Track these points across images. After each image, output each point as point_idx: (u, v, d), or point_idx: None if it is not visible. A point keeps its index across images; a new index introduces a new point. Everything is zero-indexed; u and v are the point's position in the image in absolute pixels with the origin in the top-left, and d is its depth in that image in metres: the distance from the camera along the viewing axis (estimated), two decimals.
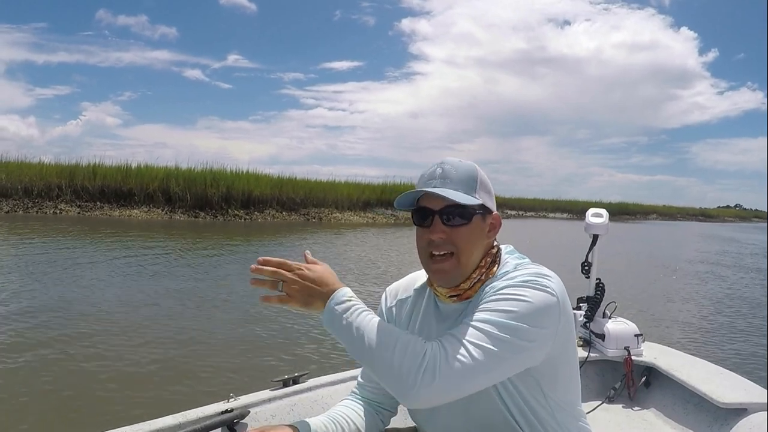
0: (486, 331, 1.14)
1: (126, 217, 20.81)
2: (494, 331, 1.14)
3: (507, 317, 1.16)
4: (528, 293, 1.19)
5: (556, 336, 1.22)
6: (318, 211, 26.60)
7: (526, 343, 1.17)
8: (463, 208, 1.27)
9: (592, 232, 2.92)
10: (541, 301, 1.19)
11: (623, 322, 2.87)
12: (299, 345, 5.67)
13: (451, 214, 1.27)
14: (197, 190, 22.91)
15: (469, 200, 1.27)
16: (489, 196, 1.34)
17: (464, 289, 1.32)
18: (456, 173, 1.30)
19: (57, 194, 21.12)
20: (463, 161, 1.34)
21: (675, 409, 2.58)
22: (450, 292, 1.33)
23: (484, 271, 1.32)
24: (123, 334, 5.68)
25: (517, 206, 47.32)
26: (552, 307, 1.21)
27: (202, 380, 4.59)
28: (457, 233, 1.28)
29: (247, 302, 7.57)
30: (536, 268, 1.29)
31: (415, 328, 1.43)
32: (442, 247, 1.28)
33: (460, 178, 1.30)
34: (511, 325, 1.15)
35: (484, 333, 1.14)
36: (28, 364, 4.70)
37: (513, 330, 1.15)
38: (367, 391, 1.52)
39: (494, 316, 1.16)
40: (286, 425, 1.31)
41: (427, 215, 1.30)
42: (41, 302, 6.78)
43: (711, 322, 7.98)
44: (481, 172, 1.34)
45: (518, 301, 1.18)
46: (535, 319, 1.18)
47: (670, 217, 69.53)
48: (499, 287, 1.23)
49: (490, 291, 1.24)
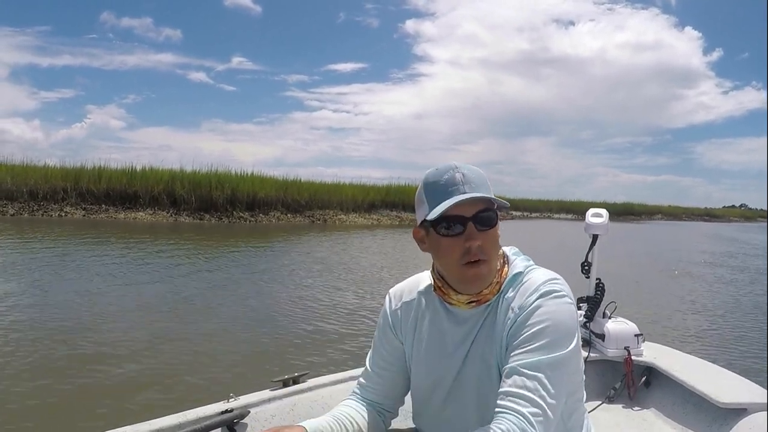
0: (542, 381, 1.16)
1: (131, 220, 20.88)
2: (550, 373, 1.17)
3: (550, 351, 1.19)
4: (553, 310, 1.23)
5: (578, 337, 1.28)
6: (323, 213, 26.61)
7: (573, 364, 1.25)
8: (491, 212, 1.27)
9: (591, 232, 2.92)
10: (567, 314, 1.24)
11: (623, 322, 2.87)
12: (299, 345, 5.68)
13: (483, 220, 1.26)
14: (202, 192, 22.97)
15: (498, 201, 1.27)
16: None
17: (485, 294, 1.31)
18: (476, 176, 1.27)
19: (62, 197, 21.19)
20: (471, 164, 1.33)
21: (675, 409, 2.58)
22: (471, 299, 1.32)
23: (499, 273, 1.33)
24: (124, 334, 5.71)
25: (522, 207, 47.23)
26: (573, 313, 1.26)
27: (202, 380, 4.61)
28: (489, 237, 1.27)
29: (247, 303, 7.60)
30: (545, 273, 1.31)
31: (423, 332, 1.42)
32: (478, 253, 1.25)
33: (481, 180, 1.27)
34: (558, 359, 1.19)
35: (543, 381, 1.16)
36: (29, 364, 4.73)
37: (562, 362, 1.20)
38: (368, 391, 1.50)
39: (540, 355, 1.18)
40: (297, 425, 1.30)
41: (458, 223, 1.25)
42: (45, 302, 6.82)
43: (711, 322, 7.95)
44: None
45: (550, 327, 1.21)
46: (569, 336, 1.23)
47: (675, 217, 69.26)
48: (525, 311, 1.24)
49: (516, 313, 1.26)
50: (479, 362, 1.32)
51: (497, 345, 1.29)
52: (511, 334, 1.25)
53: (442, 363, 1.38)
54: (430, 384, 1.41)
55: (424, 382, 1.43)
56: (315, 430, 1.31)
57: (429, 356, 1.41)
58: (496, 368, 1.29)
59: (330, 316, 7.00)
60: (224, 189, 23.44)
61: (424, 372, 1.43)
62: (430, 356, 1.41)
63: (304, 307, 7.51)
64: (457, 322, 1.37)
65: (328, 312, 7.25)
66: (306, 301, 7.86)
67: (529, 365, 1.17)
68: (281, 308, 7.36)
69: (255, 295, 8.30)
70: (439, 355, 1.39)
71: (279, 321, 6.62)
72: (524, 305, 1.24)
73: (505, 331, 1.26)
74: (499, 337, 1.28)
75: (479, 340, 1.33)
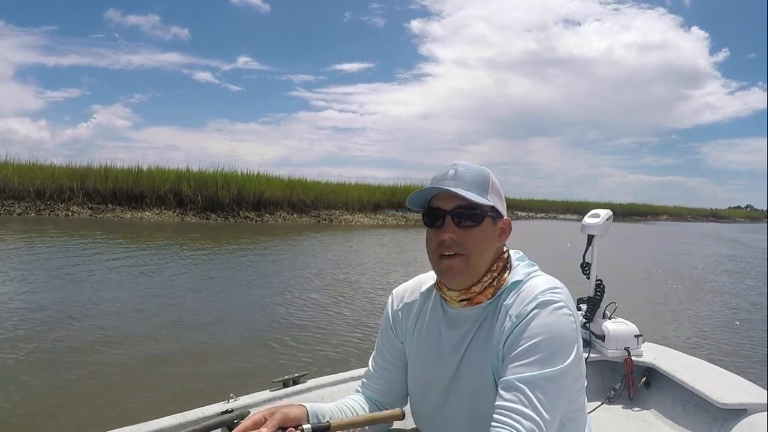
0: (539, 397, 1.16)
1: (138, 219, 20.96)
2: (546, 388, 1.16)
3: (547, 366, 1.18)
4: (550, 322, 1.22)
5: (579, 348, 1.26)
6: (329, 212, 26.65)
7: (572, 375, 1.23)
8: (475, 209, 1.28)
9: (587, 233, 2.91)
10: (565, 326, 1.22)
11: (623, 323, 2.86)
12: (299, 345, 5.69)
13: (462, 215, 1.28)
14: (208, 192, 23.06)
15: (480, 200, 1.27)
16: (500, 201, 1.35)
17: (475, 292, 1.32)
18: (469, 174, 1.30)
19: (69, 196, 21.33)
20: (476, 165, 1.34)
21: (675, 410, 2.58)
22: (460, 296, 1.33)
23: (496, 276, 1.33)
24: (125, 335, 5.74)
25: (528, 208, 47.19)
26: (572, 325, 1.24)
27: (203, 380, 4.63)
28: (468, 234, 1.28)
29: (248, 303, 7.62)
30: (546, 281, 1.30)
31: (422, 331, 1.44)
32: (453, 247, 1.28)
33: (473, 179, 1.30)
34: (555, 373, 1.18)
35: (539, 397, 1.16)
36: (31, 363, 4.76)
37: (559, 377, 1.19)
38: (370, 390, 1.52)
39: (537, 370, 1.17)
40: (297, 404, 1.31)
41: (439, 216, 1.30)
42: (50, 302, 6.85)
43: (711, 323, 7.92)
44: (492, 176, 1.34)
45: (547, 340, 1.20)
46: (567, 349, 1.21)
47: (680, 218, 68.95)
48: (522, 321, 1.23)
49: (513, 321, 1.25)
50: (475, 368, 1.32)
51: (493, 353, 1.29)
52: (507, 345, 1.24)
53: (436, 364, 1.39)
54: (424, 384, 1.42)
55: (419, 381, 1.44)
56: (315, 410, 1.32)
57: (425, 356, 1.42)
58: (492, 377, 1.29)
59: (334, 317, 7.01)
60: (230, 189, 23.52)
61: (419, 372, 1.44)
62: (425, 356, 1.42)
63: (308, 307, 7.52)
64: (454, 324, 1.38)
65: (332, 312, 7.27)
66: (309, 302, 7.88)
67: (526, 380, 1.17)
68: (284, 308, 7.37)
69: (253, 295, 8.31)
70: (434, 356, 1.40)
71: (279, 321, 6.64)
72: (521, 314, 1.24)
73: (502, 340, 1.26)
74: (495, 345, 1.28)
75: (475, 344, 1.33)
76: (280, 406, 1.27)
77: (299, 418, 1.27)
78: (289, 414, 1.25)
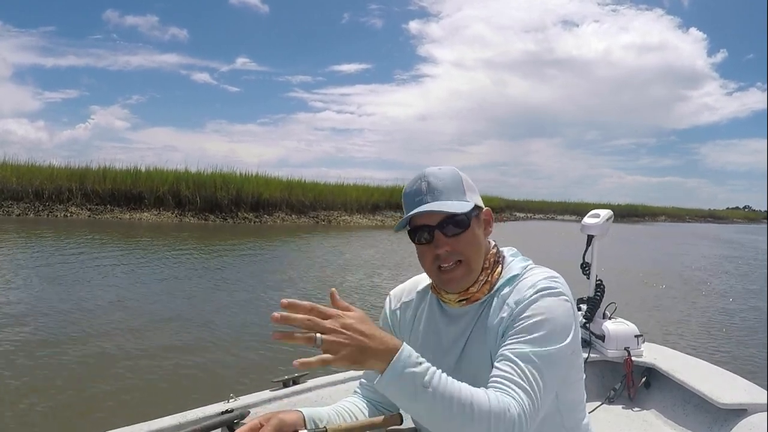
0: (532, 372, 1.16)
1: (136, 220, 20.95)
2: (540, 364, 1.16)
3: (543, 345, 1.18)
4: (550, 305, 1.23)
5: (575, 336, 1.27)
6: (327, 213, 26.65)
7: (567, 362, 1.24)
8: (461, 215, 1.27)
9: (587, 233, 2.91)
10: (563, 311, 1.23)
11: (623, 323, 2.86)
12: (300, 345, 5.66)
13: (449, 225, 1.27)
14: (207, 193, 23.05)
15: (464, 206, 1.27)
16: (476, 194, 1.35)
17: (473, 292, 1.33)
18: (442, 183, 1.29)
19: (67, 197, 21.31)
20: (443, 167, 1.33)
21: (675, 410, 2.58)
22: (459, 297, 1.34)
23: (489, 272, 1.34)
24: (126, 335, 5.74)
25: (526, 208, 47.23)
26: (570, 311, 1.25)
27: (203, 380, 4.63)
28: (461, 241, 1.28)
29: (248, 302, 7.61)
30: (544, 271, 1.31)
31: (419, 330, 1.44)
32: (449, 258, 1.28)
33: (447, 186, 1.29)
34: (551, 352, 1.18)
35: (533, 372, 1.16)
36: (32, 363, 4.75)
37: (554, 357, 1.19)
38: (369, 390, 1.52)
39: (533, 347, 1.18)
40: (294, 410, 1.31)
41: (425, 232, 1.29)
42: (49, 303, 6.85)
43: (711, 323, 7.94)
44: (462, 174, 1.34)
45: (546, 321, 1.20)
46: (563, 332, 1.22)
47: (678, 218, 69.09)
48: (522, 305, 1.24)
49: (511, 308, 1.26)
50: (474, 363, 1.33)
51: (491, 340, 1.29)
52: (506, 326, 1.25)
53: (435, 361, 1.39)
54: None
55: None
56: (312, 415, 1.32)
57: (424, 353, 1.41)
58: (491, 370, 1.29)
59: None
60: (229, 190, 23.53)
61: None
62: (424, 353, 1.41)
63: None
64: (451, 320, 1.39)
65: None
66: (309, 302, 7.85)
67: (522, 355, 1.17)
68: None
69: (253, 295, 8.31)
70: (433, 353, 1.39)
71: None
72: (521, 300, 1.25)
73: (500, 330, 1.27)
74: (494, 331, 1.29)
75: (474, 339, 1.34)
76: (277, 412, 1.28)
77: (296, 423, 1.27)
78: (285, 419, 1.25)
